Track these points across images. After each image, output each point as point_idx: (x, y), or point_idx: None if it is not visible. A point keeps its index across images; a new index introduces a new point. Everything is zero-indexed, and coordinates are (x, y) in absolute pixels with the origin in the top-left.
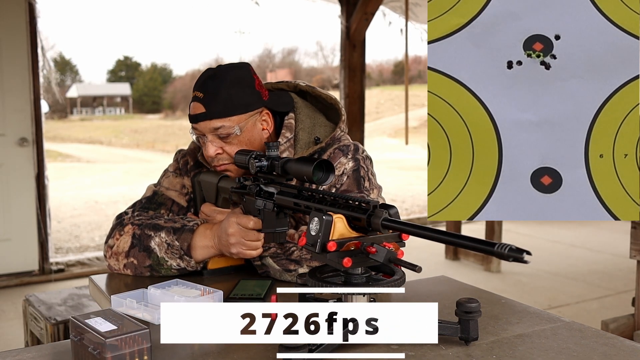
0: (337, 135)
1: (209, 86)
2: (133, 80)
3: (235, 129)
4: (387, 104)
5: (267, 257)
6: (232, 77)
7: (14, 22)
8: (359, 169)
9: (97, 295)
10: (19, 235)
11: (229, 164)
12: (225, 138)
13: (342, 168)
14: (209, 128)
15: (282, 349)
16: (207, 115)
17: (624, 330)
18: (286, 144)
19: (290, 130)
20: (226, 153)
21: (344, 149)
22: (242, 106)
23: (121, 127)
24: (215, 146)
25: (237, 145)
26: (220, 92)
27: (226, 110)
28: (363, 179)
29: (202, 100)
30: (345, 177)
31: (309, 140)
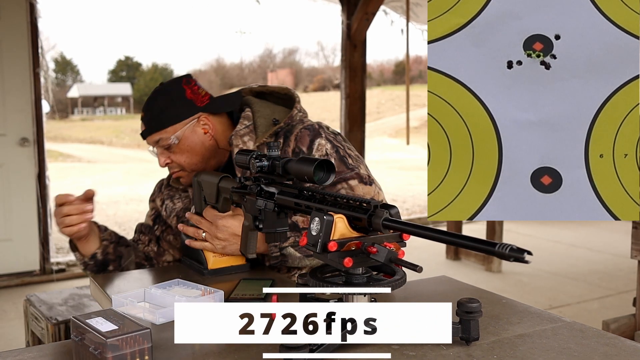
0: (295, 114)
1: (147, 105)
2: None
3: (172, 139)
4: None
5: (288, 247)
6: (162, 92)
7: (15, 22)
8: (337, 149)
9: (98, 295)
10: (20, 235)
11: (179, 170)
12: (168, 148)
13: (323, 149)
14: (152, 142)
15: (283, 349)
16: (147, 132)
17: (625, 331)
18: (245, 129)
19: (249, 119)
20: (174, 162)
21: (310, 128)
22: (172, 117)
23: (122, 127)
24: (164, 157)
25: (180, 153)
26: (154, 108)
27: (159, 124)
28: (345, 158)
29: (143, 119)
30: (332, 159)
31: (268, 123)
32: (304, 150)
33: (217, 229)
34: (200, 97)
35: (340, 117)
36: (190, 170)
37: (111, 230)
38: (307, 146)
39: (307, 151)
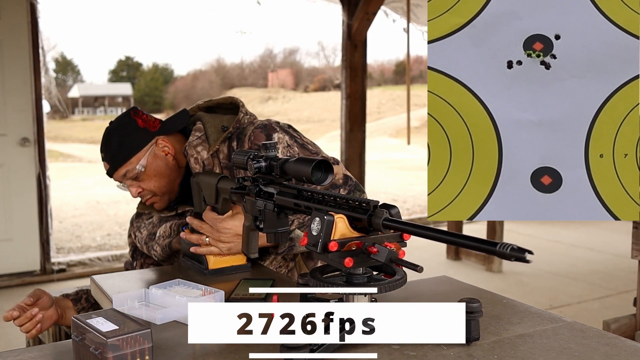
0: (241, 118)
1: (104, 145)
2: (134, 80)
3: (138, 168)
4: (388, 104)
5: (295, 229)
6: (115, 129)
7: (15, 22)
8: (296, 139)
9: (98, 295)
10: (21, 235)
11: (152, 196)
12: (136, 179)
13: (283, 141)
14: (120, 177)
15: (284, 349)
16: (112, 169)
17: (626, 331)
18: (197, 140)
19: (200, 130)
20: (145, 190)
21: (262, 126)
22: (133, 148)
23: None
24: (134, 187)
25: (148, 180)
26: (112, 145)
27: (122, 158)
28: (306, 145)
29: (104, 159)
30: (295, 148)
31: (218, 130)
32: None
33: (219, 232)
34: (151, 123)
35: (341, 117)
36: (161, 194)
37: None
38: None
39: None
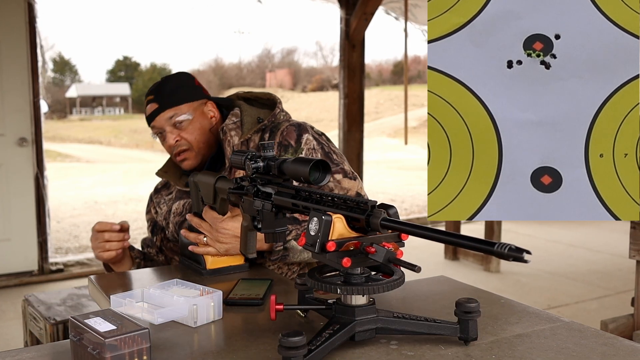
0: (277, 113)
1: (157, 87)
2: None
3: (186, 115)
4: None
5: (292, 240)
6: (173, 77)
7: (13, 22)
8: (322, 146)
9: (96, 295)
10: (19, 235)
11: (187, 150)
12: (180, 124)
13: (311, 143)
14: (165, 119)
15: (282, 349)
16: (160, 109)
17: (624, 330)
18: (233, 125)
19: (237, 116)
20: (183, 139)
21: (296, 125)
22: (187, 96)
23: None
24: (174, 135)
25: (191, 130)
26: (166, 87)
27: (175, 100)
28: (330, 154)
29: (154, 99)
30: (318, 154)
31: (253, 121)
32: (292, 144)
33: (218, 232)
34: (203, 88)
35: (339, 117)
36: (197, 150)
37: (137, 249)
38: (295, 140)
39: (295, 145)
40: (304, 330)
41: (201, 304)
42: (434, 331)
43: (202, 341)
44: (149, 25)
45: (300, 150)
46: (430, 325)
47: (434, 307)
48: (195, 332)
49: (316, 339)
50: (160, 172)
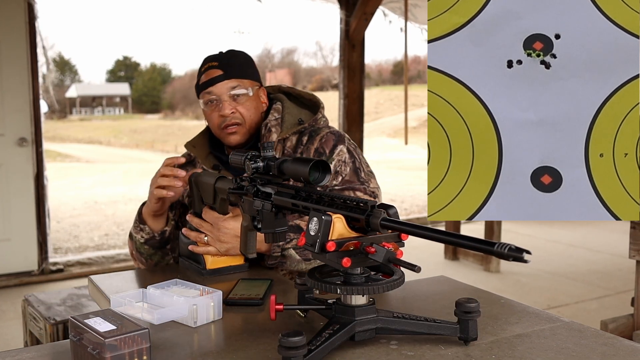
0: (319, 118)
1: (224, 56)
2: (132, 80)
3: (248, 90)
4: (386, 104)
5: (290, 249)
6: (241, 53)
7: (13, 22)
8: (354, 160)
9: (96, 295)
10: (18, 235)
11: (238, 124)
12: (238, 98)
13: (343, 155)
14: (226, 88)
15: (282, 349)
16: (225, 76)
17: (623, 330)
18: (274, 121)
19: (278, 112)
20: (239, 112)
21: (336, 134)
22: (252, 73)
23: (120, 127)
24: (231, 106)
25: (248, 107)
26: (235, 59)
27: (241, 73)
28: (359, 170)
29: (218, 66)
30: (347, 168)
31: (293, 122)
32: (326, 152)
33: (220, 231)
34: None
35: (339, 117)
36: (247, 127)
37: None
38: (330, 149)
39: (329, 153)
40: (304, 330)
41: (201, 304)
42: (434, 331)
43: (202, 341)
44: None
45: (331, 160)
46: (430, 325)
47: (434, 307)
48: (195, 332)
49: (316, 339)
50: (189, 145)
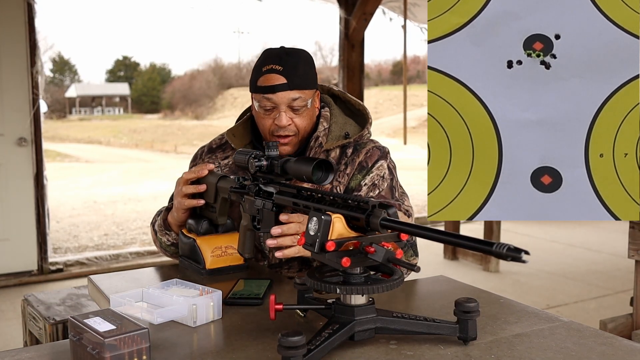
0: (365, 134)
1: (288, 61)
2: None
3: (308, 102)
4: (385, 104)
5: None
6: (304, 56)
7: (12, 22)
8: (392, 179)
9: (95, 295)
10: (18, 235)
11: (293, 136)
12: (297, 110)
13: (383, 171)
14: (287, 99)
15: (281, 349)
16: (288, 86)
17: (622, 330)
18: (323, 132)
19: (327, 121)
20: (294, 124)
21: (382, 149)
22: (313, 82)
23: (120, 127)
24: (288, 116)
25: (305, 118)
26: (299, 67)
27: (304, 84)
28: (395, 189)
29: (282, 72)
30: (385, 183)
31: (339, 134)
32: (368, 165)
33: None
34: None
35: None
36: (300, 138)
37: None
38: (372, 162)
39: (370, 166)
40: (304, 330)
41: (201, 304)
42: (434, 331)
43: (201, 341)
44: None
45: (370, 173)
46: (429, 324)
47: (433, 306)
48: (194, 331)
49: (315, 339)
50: (229, 133)
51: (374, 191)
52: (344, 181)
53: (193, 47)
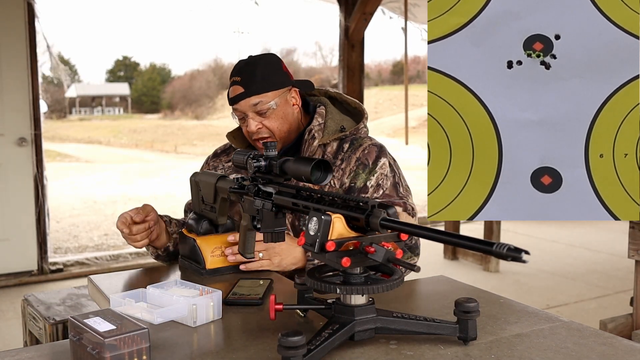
0: (361, 128)
1: (246, 70)
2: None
3: (271, 104)
4: (385, 104)
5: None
6: (263, 60)
7: (13, 22)
8: (395, 175)
9: (95, 295)
10: (18, 235)
11: (269, 137)
12: (264, 113)
13: (385, 169)
14: (249, 105)
15: (281, 349)
16: (246, 94)
17: (622, 330)
18: (318, 127)
19: (322, 117)
20: (265, 127)
21: (378, 146)
22: (275, 83)
23: (120, 127)
24: (256, 121)
25: (275, 119)
26: (256, 72)
27: (262, 87)
28: (398, 185)
29: (240, 82)
30: (389, 182)
31: (336, 128)
32: (369, 163)
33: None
34: (289, 72)
35: None
36: (278, 138)
37: (175, 220)
38: (373, 161)
39: (372, 165)
40: (304, 330)
41: (200, 304)
42: (434, 331)
43: (201, 341)
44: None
45: (374, 172)
46: (429, 324)
47: (433, 306)
48: (194, 332)
49: (315, 339)
50: (230, 135)
51: (378, 192)
52: (338, 175)
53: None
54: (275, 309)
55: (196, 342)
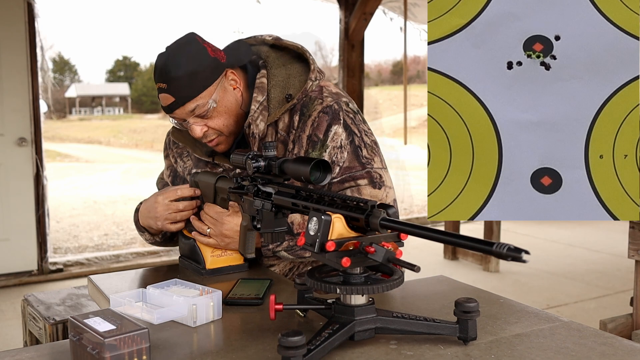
0: (309, 87)
1: (169, 74)
2: (132, 80)
3: (210, 104)
4: (385, 104)
5: (281, 251)
6: (184, 54)
7: (13, 22)
8: (353, 138)
9: (95, 295)
10: (18, 235)
11: (218, 137)
12: (204, 116)
13: (338, 139)
14: (186, 113)
15: (282, 349)
16: (178, 103)
17: (622, 330)
18: (259, 109)
19: (262, 90)
20: (211, 129)
21: (329, 111)
22: (206, 78)
23: (120, 127)
24: (200, 125)
25: (217, 117)
26: (181, 77)
27: (194, 90)
28: (360, 149)
29: (167, 90)
30: (345, 153)
31: (281, 98)
32: (320, 138)
33: (223, 225)
34: (219, 52)
35: None
36: (228, 134)
37: None
38: (324, 133)
39: (323, 139)
40: (304, 330)
41: (200, 304)
42: (433, 331)
43: (201, 341)
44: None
45: (325, 147)
46: (429, 325)
47: (433, 306)
48: (194, 332)
49: (315, 339)
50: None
51: (335, 169)
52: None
53: None
54: (275, 309)
55: (196, 342)
